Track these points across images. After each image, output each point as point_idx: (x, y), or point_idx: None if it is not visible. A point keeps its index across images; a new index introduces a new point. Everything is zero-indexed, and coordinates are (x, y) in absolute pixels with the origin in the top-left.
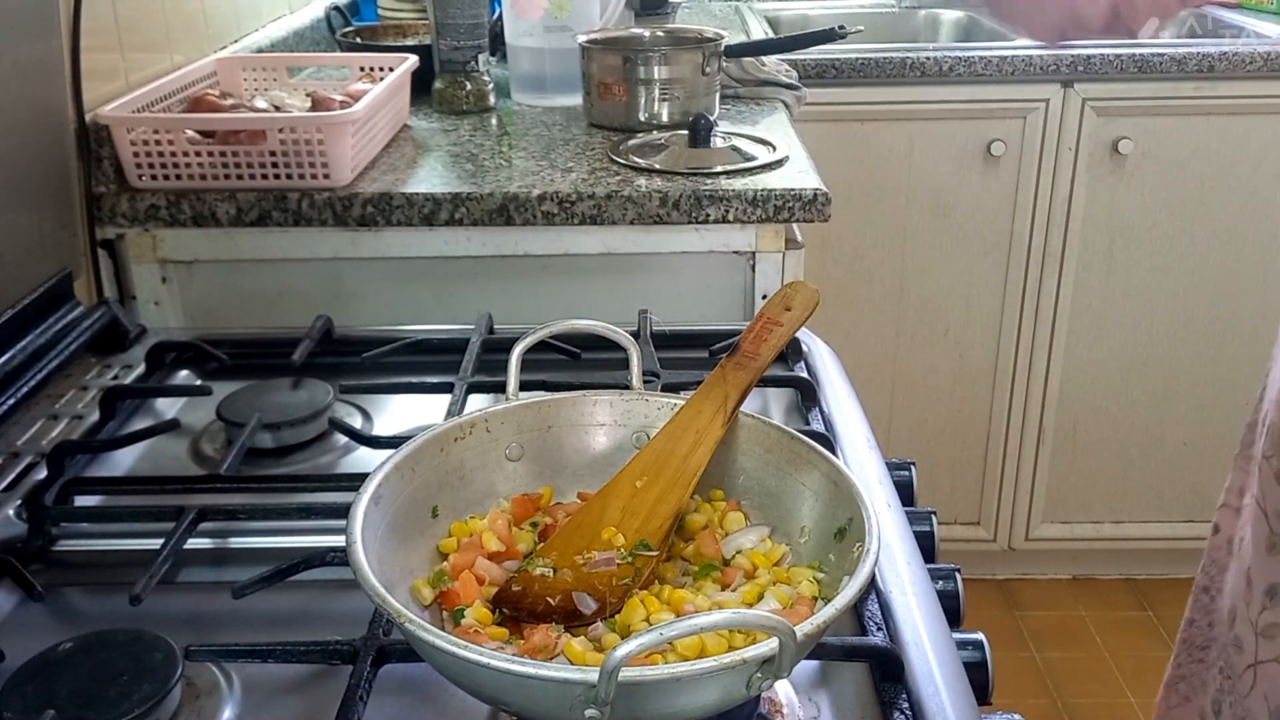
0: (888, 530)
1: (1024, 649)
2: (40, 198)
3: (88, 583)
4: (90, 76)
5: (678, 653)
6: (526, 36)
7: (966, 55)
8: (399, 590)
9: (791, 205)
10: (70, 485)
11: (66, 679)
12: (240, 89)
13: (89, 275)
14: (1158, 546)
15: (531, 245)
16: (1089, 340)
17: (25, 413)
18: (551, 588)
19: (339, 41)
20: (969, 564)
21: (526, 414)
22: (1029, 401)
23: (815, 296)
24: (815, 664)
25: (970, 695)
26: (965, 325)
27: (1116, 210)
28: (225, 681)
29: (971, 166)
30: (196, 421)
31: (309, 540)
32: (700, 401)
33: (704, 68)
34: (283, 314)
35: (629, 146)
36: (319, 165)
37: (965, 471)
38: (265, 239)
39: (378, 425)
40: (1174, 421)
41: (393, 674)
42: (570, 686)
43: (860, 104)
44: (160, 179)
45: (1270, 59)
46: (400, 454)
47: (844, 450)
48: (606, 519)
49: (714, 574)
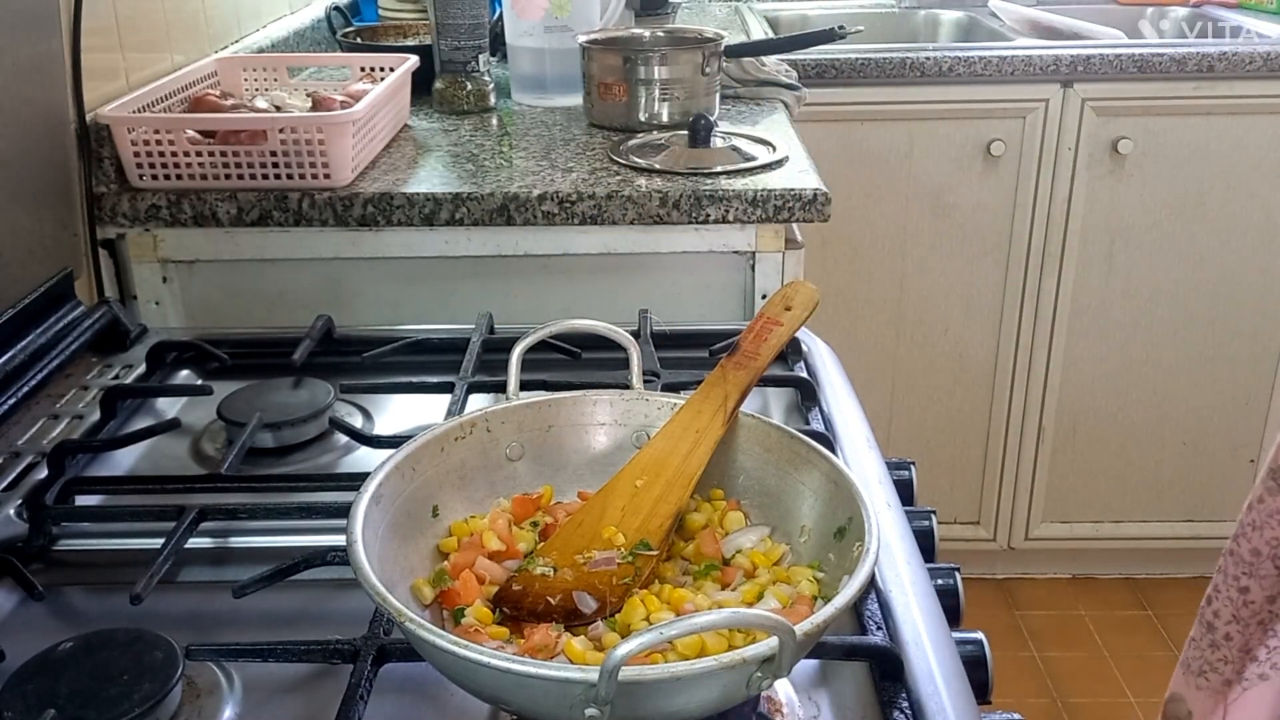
0: (887, 530)
1: (1024, 648)
2: (41, 198)
3: (88, 582)
4: (91, 76)
5: (678, 652)
6: (527, 36)
7: (966, 55)
8: (399, 589)
9: (791, 205)
10: (71, 485)
11: (67, 678)
12: (241, 89)
13: (89, 275)
14: (1158, 546)
15: (532, 245)
16: (1089, 340)
17: (26, 412)
18: (552, 587)
19: (339, 42)
20: (969, 563)
21: (527, 414)
22: (1029, 401)
23: (815, 296)
24: (815, 663)
25: (970, 694)
26: (965, 325)
27: (1116, 210)
28: (226, 681)
29: (971, 166)
30: (197, 421)
31: (309, 540)
32: (700, 401)
33: (704, 68)
34: (283, 314)
35: (629, 146)
36: (319, 165)
37: (965, 471)
38: (266, 239)
39: (378, 425)
40: (1174, 421)
41: (393, 673)
42: (570, 686)
43: (860, 104)
44: (161, 179)
45: (1270, 59)
46: (401, 453)
47: (844, 450)
48: (607, 518)
49: (714, 573)
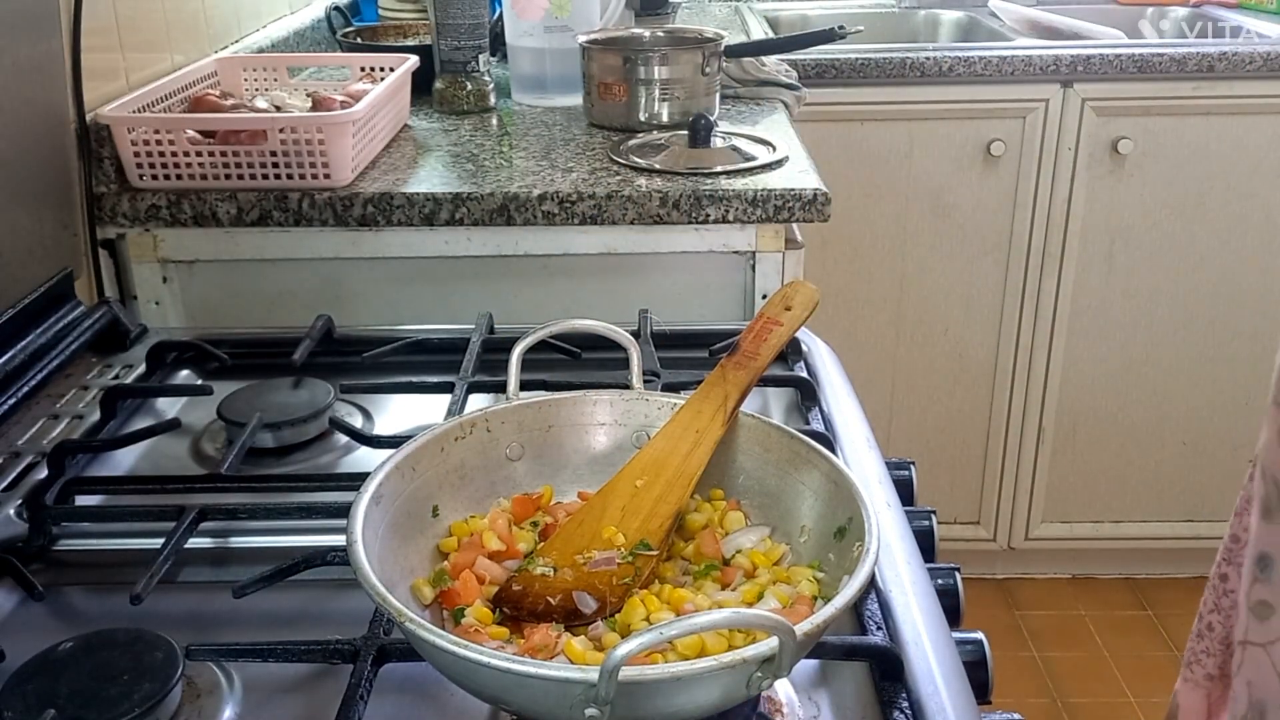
0: (887, 530)
1: (1024, 648)
2: (41, 198)
3: (88, 582)
4: (91, 76)
5: (678, 652)
6: (527, 36)
7: (966, 55)
8: (399, 589)
9: (791, 205)
10: (71, 485)
11: (67, 678)
12: (241, 89)
13: (90, 275)
14: (1157, 546)
15: (532, 245)
16: (1089, 340)
17: (26, 412)
18: (552, 587)
19: (339, 42)
20: (969, 563)
21: (527, 414)
22: (1029, 401)
23: (815, 296)
24: (815, 663)
25: (970, 694)
26: (965, 325)
27: (1116, 210)
28: (226, 681)
29: (971, 166)
30: (197, 421)
31: (309, 540)
32: (700, 401)
33: (704, 68)
34: (283, 314)
35: (629, 146)
36: (319, 165)
37: (965, 471)
38: (266, 239)
39: (378, 425)
40: (1173, 421)
41: (393, 673)
42: (570, 686)
43: (860, 104)
44: (161, 179)
45: (1270, 59)
46: (401, 453)
47: (844, 450)
48: (607, 518)
49: (714, 573)
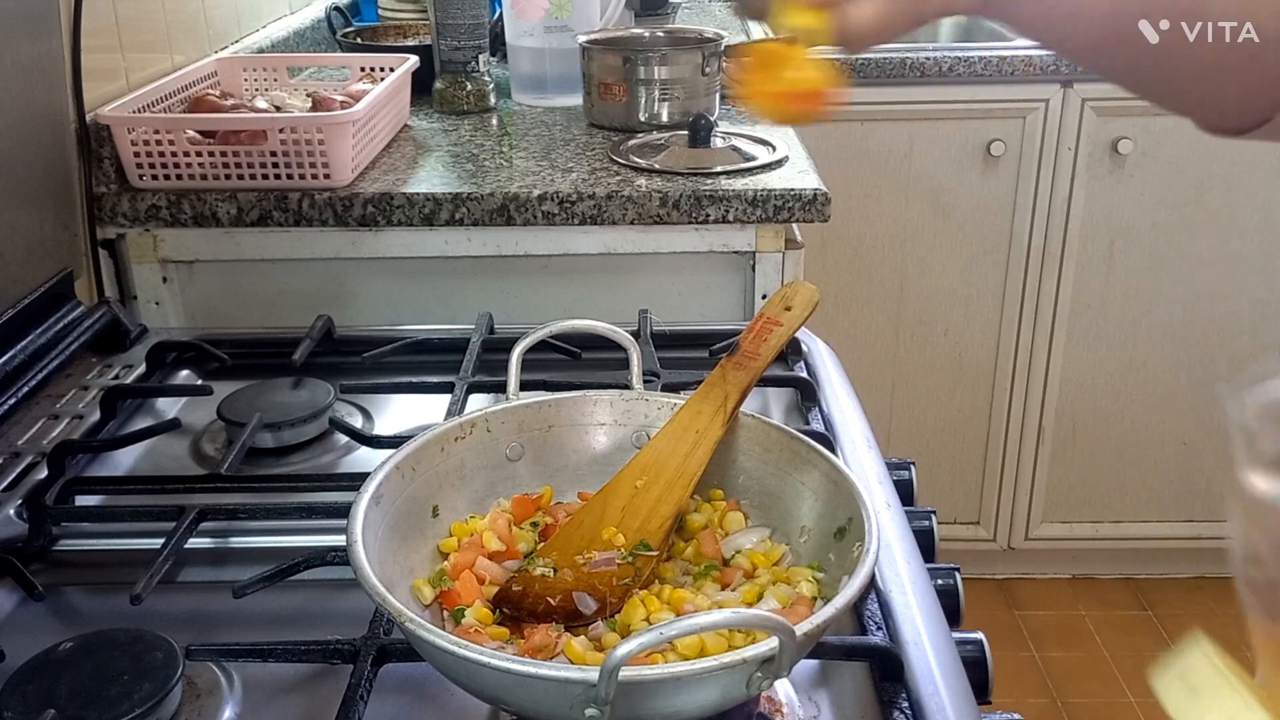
0: (887, 530)
1: (1024, 648)
2: (41, 198)
3: (88, 582)
4: (91, 76)
5: (678, 652)
6: (527, 36)
7: (966, 55)
8: (399, 590)
9: (791, 205)
10: (71, 485)
11: (67, 679)
12: (241, 89)
13: (89, 275)
14: (1157, 546)
15: (532, 245)
16: (1089, 340)
17: (26, 412)
18: (552, 587)
19: (339, 42)
20: (969, 563)
21: (527, 414)
22: (1029, 401)
23: (815, 296)
24: (815, 663)
25: (970, 694)
26: (965, 325)
27: (1116, 210)
28: (226, 681)
29: (971, 166)
30: (197, 421)
31: (309, 540)
32: (700, 401)
33: (704, 68)
34: (283, 314)
35: (629, 146)
36: (319, 165)
37: (965, 471)
38: (266, 239)
39: (378, 425)
40: (1173, 421)
41: (393, 673)
42: (570, 686)
43: (860, 104)
44: (161, 179)
45: None
46: (401, 454)
47: (844, 450)
48: (607, 519)
49: (714, 574)
